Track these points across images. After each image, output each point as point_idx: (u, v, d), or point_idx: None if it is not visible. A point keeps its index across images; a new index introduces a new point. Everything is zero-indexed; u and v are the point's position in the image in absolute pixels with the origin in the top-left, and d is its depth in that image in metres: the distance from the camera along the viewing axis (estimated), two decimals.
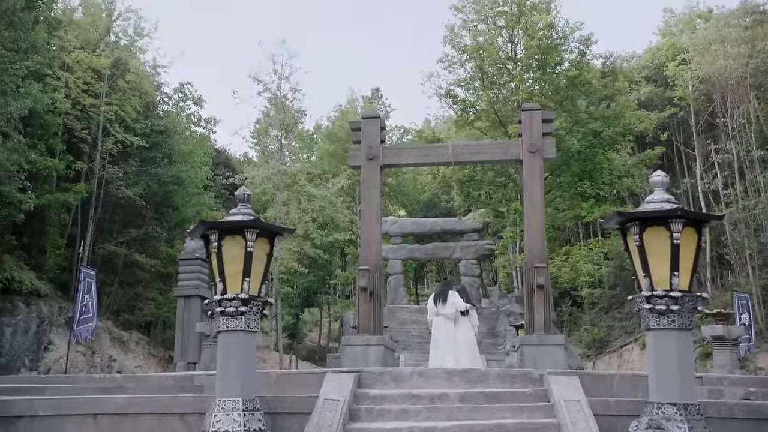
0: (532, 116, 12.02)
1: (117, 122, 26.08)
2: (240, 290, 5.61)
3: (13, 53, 18.25)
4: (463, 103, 26.87)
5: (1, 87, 16.46)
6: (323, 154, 41.69)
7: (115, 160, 26.45)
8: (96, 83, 25.75)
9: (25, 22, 18.44)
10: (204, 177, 32.88)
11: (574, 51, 25.18)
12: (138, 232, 26.99)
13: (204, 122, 35.10)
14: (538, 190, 11.87)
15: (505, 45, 26.11)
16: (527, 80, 25.30)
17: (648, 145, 28.51)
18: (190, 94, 33.76)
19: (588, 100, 25.12)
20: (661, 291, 4.88)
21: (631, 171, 25.88)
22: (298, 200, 30.05)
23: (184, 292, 19.35)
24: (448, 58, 26.60)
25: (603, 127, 24.37)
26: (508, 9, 25.50)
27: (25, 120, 20.52)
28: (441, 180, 29.90)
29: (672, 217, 4.82)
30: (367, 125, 12.70)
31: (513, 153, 12.48)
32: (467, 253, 32.10)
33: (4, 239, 21.55)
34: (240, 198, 6.11)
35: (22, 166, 20.11)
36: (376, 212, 12.64)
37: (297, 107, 32.03)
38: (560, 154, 21.26)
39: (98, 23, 28.19)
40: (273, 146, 32.48)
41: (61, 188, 24.32)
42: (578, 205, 25.08)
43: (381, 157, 12.64)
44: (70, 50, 25.23)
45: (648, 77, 30.90)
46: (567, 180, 24.73)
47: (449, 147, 13.16)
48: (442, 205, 41.85)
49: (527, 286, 11.75)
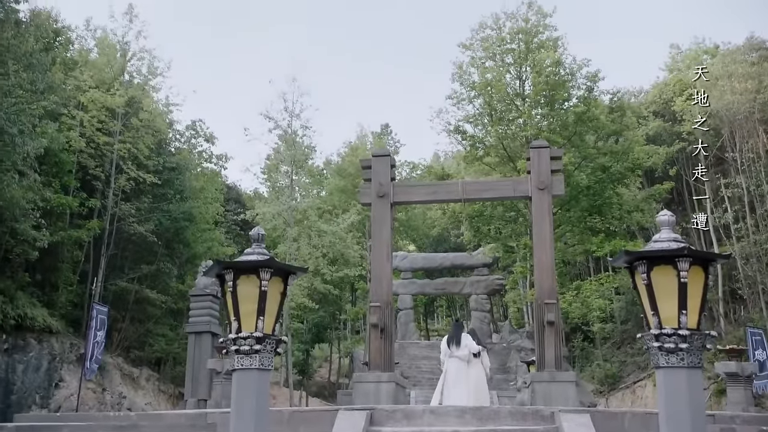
0: (540, 154, 12.16)
1: (130, 160, 26.41)
2: (254, 329, 5.69)
3: (30, 94, 18.67)
4: (472, 139, 27.08)
5: (19, 127, 16.79)
6: (333, 190, 41.96)
7: (127, 197, 26.74)
8: (110, 122, 26.17)
9: (42, 64, 18.88)
10: (215, 213, 33.12)
11: (581, 87, 25.42)
12: (149, 268, 27.14)
13: (215, 159, 35.48)
14: (547, 226, 11.96)
15: (513, 81, 26.38)
16: (535, 116, 25.52)
17: (657, 180, 28.58)
18: (201, 132, 34.21)
19: (596, 135, 25.28)
20: (669, 329, 4.93)
21: (640, 206, 25.90)
22: (309, 236, 30.22)
23: (195, 328, 19.42)
24: (456, 94, 26.90)
25: (612, 162, 24.48)
26: (516, 46, 25.83)
27: (41, 158, 20.87)
28: (450, 215, 30.01)
29: (679, 256, 4.89)
30: (378, 163, 12.87)
31: (522, 190, 12.60)
32: (477, 287, 32.02)
33: (18, 276, 21.74)
34: (254, 238, 6.23)
35: (37, 203, 20.39)
36: (387, 249, 12.74)
37: (307, 143, 32.41)
38: (569, 189, 21.36)
39: (113, 63, 28.71)
40: (283, 182, 32.78)
41: (74, 225, 24.58)
42: (588, 240, 25.07)
43: (391, 194, 12.78)
44: (85, 90, 25.70)
45: (656, 112, 31.12)
46: (576, 215, 24.77)
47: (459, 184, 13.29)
48: (451, 240, 41.91)
49: (538, 323, 11.77)
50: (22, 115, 17.32)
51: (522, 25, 25.76)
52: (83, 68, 26.99)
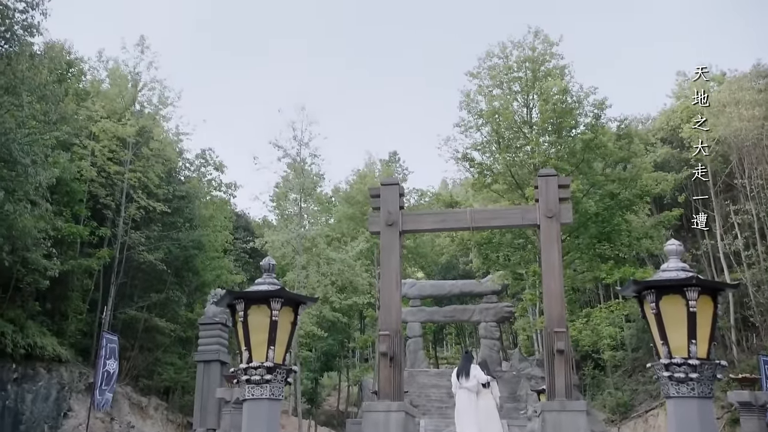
0: (548, 182, 12.21)
1: (140, 188, 26.63)
2: (265, 359, 5.73)
3: (43, 124, 18.94)
4: (480, 167, 27.15)
5: (32, 157, 17.01)
6: (342, 217, 42.07)
7: (137, 226, 26.91)
8: (121, 151, 26.44)
9: (56, 95, 19.17)
10: (224, 241, 33.24)
11: (588, 115, 25.51)
12: (158, 296, 27.21)
13: (225, 187, 35.72)
14: (555, 254, 11.97)
15: (521, 109, 26.51)
16: (543, 143, 25.60)
17: (666, 207, 28.53)
18: (211, 160, 34.49)
19: (604, 162, 25.31)
20: (679, 359, 4.94)
21: (649, 232, 25.81)
22: (318, 264, 30.26)
23: (204, 357, 19.38)
24: (464, 122, 27.02)
25: (620, 189, 24.47)
26: (523, 75, 26.00)
27: (52, 188, 21.08)
28: (459, 242, 29.98)
29: (687, 286, 4.91)
30: (387, 192, 12.95)
31: (530, 218, 12.63)
32: (486, 315, 31.92)
33: (28, 305, 21.85)
34: (265, 268, 6.30)
35: (48, 233, 20.56)
36: (396, 277, 12.76)
37: (316, 171, 32.57)
38: (578, 215, 21.35)
39: (124, 93, 29.09)
40: (292, 210, 32.91)
41: (84, 254, 24.73)
42: (597, 267, 24.97)
43: (400, 222, 12.84)
44: (96, 120, 26.02)
45: (663, 139, 31.16)
46: (585, 242, 24.72)
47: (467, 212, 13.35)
48: (460, 267, 41.85)
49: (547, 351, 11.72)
50: (35, 145, 17.56)
51: (529, 53, 25.94)
52: (95, 98, 27.36)
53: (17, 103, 17.06)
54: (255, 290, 5.99)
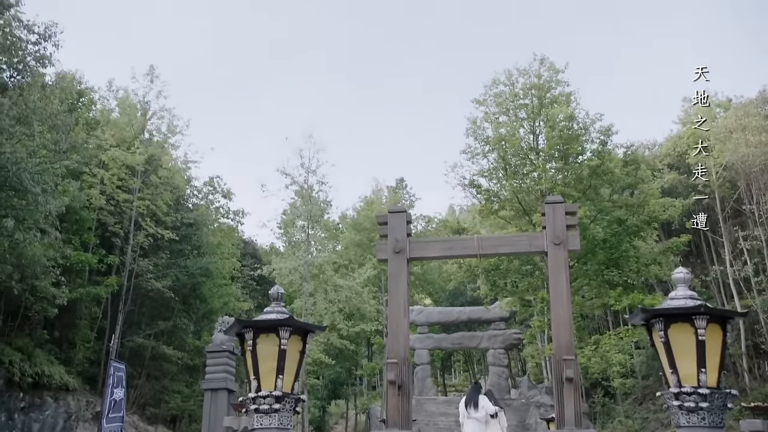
0: (555, 209, 12.19)
1: (149, 216, 26.79)
2: (274, 388, 5.73)
3: (54, 153, 19.16)
4: (487, 193, 27.17)
5: (42, 186, 17.17)
6: (349, 244, 42.08)
7: (145, 253, 27.02)
8: (130, 179, 26.65)
9: (66, 125, 19.41)
10: (231, 268, 33.30)
11: (595, 141, 25.56)
12: (166, 324, 27.21)
13: (232, 214, 35.90)
14: (563, 281, 11.91)
15: (527, 136, 26.59)
16: (550, 170, 25.62)
17: (674, 233, 28.42)
18: (219, 188, 34.72)
19: (611, 188, 25.30)
20: (689, 388, 4.92)
21: (658, 258, 25.70)
22: (325, 291, 30.24)
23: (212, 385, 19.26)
24: (471, 149, 27.10)
25: (627, 215, 24.43)
26: (529, 102, 26.13)
27: (62, 216, 21.24)
28: (467, 269, 29.91)
29: (696, 314, 4.91)
30: (394, 219, 12.96)
31: (537, 245, 12.60)
32: (495, 342, 31.67)
33: (36, 334, 21.89)
34: (274, 296, 6.32)
35: (57, 261, 20.67)
36: (404, 305, 12.71)
37: (323, 198, 32.71)
38: (585, 242, 21.28)
39: (134, 122, 29.41)
40: (299, 237, 32.96)
41: (92, 282, 24.82)
42: (606, 294, 24.83)
43: (407, 250, 12.82)
44: (106, 148, 26.28)
45: (670, 165, 31.16)
46: (593, 268, 24.62)
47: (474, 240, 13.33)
48: (468, 294, 41.66)
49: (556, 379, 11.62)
50: (45, 174, 17.74)
51: (535, 81, 26.10)
52: (105, 127, 27.67)
53: (29, 133, 17.28)
54: (264, 319, 6.01)
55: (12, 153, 16.12)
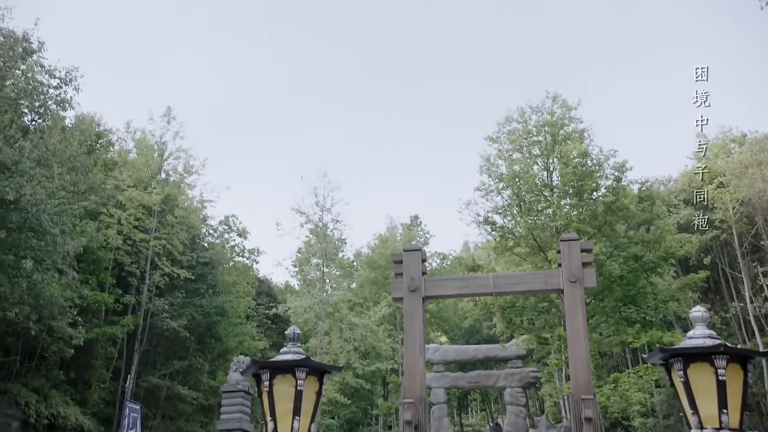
0: (570, 246, 12.13)
1: (165, 255, 26.95)
2: (290, 429, 5.70)
3: (72, 195, 19.40)
4: (502, 230, 27.10)
5: (61, 227, 17.38)
6: (364, 282, 41.99)
7: (161, 293, 27.11)
8: (146, 219, 26.89)
9: (85, 166, 19.71)
10: (246, 307, 33.32)
11: (609, 177, 25.49)
12: (181, 363, 27.16)
13: (248, 253, 36.03)
14: (580, 319, 11.80)
15: (541, 173, 26.60)
16: (564, 206, 25.56)
17: (692, 269, 28.16)
18: (234, 227, 34.93)
19: (627, 224, 25.16)
20: (711, 429, 4.85)
21: (676, 295, 25.41)
22: (340, 329, 30.12)
23: (227, 425, 19.15)
24: (485, 186, 27.11)
25: (644, 251, 24.24)
26: (542, 139, 26.20)
27: (79, 256, 21.42)
28: (482, 306, 29.73)
29: (715, 354, 4.86)
30: (409, 258, 12.95)
31: (553, 283, 12.52)
32: (512, 380, 31.22)
33: (52, 374, 21.92)
34: (290, 337, 6.33)
35: (74, 301, 20.78)
36: (420, 344, 12.63)
37: (338, 236, 32.76)
38: (602, 278, 21.11)
39: (151, 163, 29.79)
40: (314, 275, 32.96)
41: (109, 321, 24.90)
42: (624, 331, 24.53)
43: (423, 288, 12.78)
44: (123, 188, 26.58)
45: (686, 200, 31.01)
46: (611, 305, 24.37)
47: (490, 278, 13.27)
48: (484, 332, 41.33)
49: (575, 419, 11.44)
50: (63, 215, 17.96)
51: (547, 118, 26.22)
52: (122, 168, 28.05)
53: (48, 175, 17.56)
54: (280, 360, 6.01)
55: (32, 195, 16.37)
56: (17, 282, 17.05)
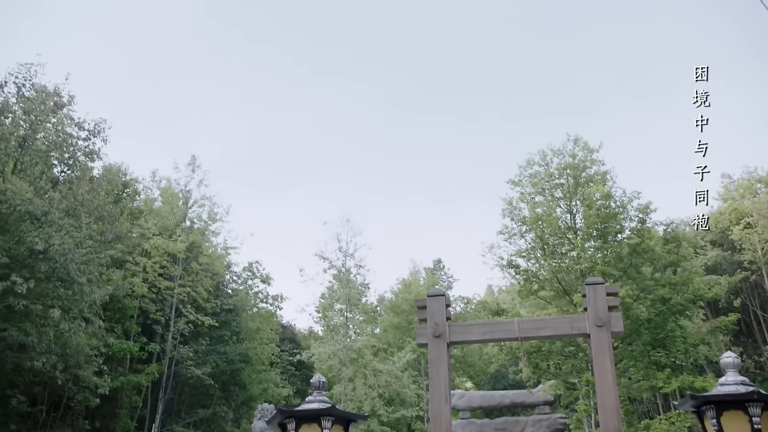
0: (596, 290, 11.98)
1: (189, 303, 27.11)
2: None
3: (99, 243, 19.69)
4: (526, 273, 26.89)
5: (88, 276, 17.62)
6: (387, 327, 41.72)
7: (185, 340, 27.19)
8: (171, 266, 27.14)
9: (112, 215, 20.05)
10: (270, 353, 33.23)
11: (633, 219, 25.29)
12: (205, 412, 27.06)
13: (271, 299, 36.10)
14: (608, 364, 11.58)
15: (564, 215, 26.48)
16: (589, 249, 25.35)
17: (722, 311, 27.64)
18: (258, 273, 35.09)
19: (653, 266, 24.85)
20: None
21: (706, 338, 24.91)
22: (364, 375, 29.86)
23: None
24: (507, 229, 27.01)
25: (671, 293, 23.87)
26: (564, 181, 26.16)
27: (105, 304, 21.62)
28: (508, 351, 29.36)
29: (749, 401, 4.77)
30: (433, 303, 12.88)
31: (579, 327, 12.33)
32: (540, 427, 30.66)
33: (78, 424, 21.92)
34: (315, 385, 6.32)
35: (100, 350, 20.89)
36: (445, 390, 12.48)
37: (361, 281, 32.74)
38: (629, 321, 20.79)
39: (175, 211, 30.20)
40: (338, 320, 32.88)
41: (134, 370, 24.96)
42: (653, 376, 23.99)
43: (447, 334, 12.67)
44: (149, 237, 26.92)
45: (713, 241, 30.66)
46: (639, 348, 23.92)
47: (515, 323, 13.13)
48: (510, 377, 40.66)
49: None
50: (90, 264, 18.22)
51: (569, 160, 26.22)
52: (148, 216, 28.46)
53: (76, 225, 17.87)
54: (306, 408, 6.00)
55: (61, 245, 16.66)
56: (45, 331, 17.24)
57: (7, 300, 16.12)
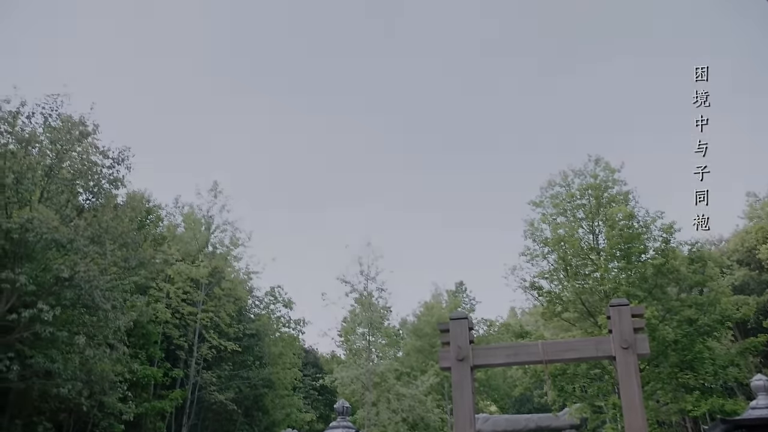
0: (621, 312, 11.86)
1: (212, 328, 27.20)
2: None
3: (123, 270, 19.88)
4: (549, 295, 26.67)
5: (112, 303, 17.78)
6: (410, 350, 41.51)
7: (209, 365, 27.24)
8: (194, 292, 27.29)
9: (135, 242, 20.25)
10: (293, 378, 33.16)
11: (657, 239, 25.02)
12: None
13: (293, 323, 36.09)
14: (635, 387, 11.40)
15: (587, 236, 26.28)
16: (612, 269, 25.10)
17: (751, 332, 27.18)
18: (280, 297, 35.14)
19: (678, 287, 24.53)
20: None
21: (735, 360, 24.44)
22: (388, 399, 29.66)
23: None
24: (529, 251, 26.86)
25: (698, 314, 23.51)
26: (586, 202, 26.00)
27: (129, 330, 21.78)
28: (532, 374, 29.04)
29: None
30: (456, 326, 12.80)
31: (605, 350, 12.19)
32: None
33: None
34: (339, 411, 6.31)
35: (125, 376, 21.00)
36: (469, 414, 12.35)
37: (383, 305, 32.64)
38: (655, 343, 20.50)
39: (198, 236, 30.44)
40: (360, 344, 32.75)
41: (157, 395, 25.03)
42: (682, 398, 23.58)
43: (471, 357, 12.57)
44: (172, 263, 27.12)
45: (740, 261, 30.22)
46: (666, 371, 23.54)
47: (539, 345, 13.00)
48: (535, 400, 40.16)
49: None
50: (115, 291, 18.39)
51: (591, 181, 26.08)
52: (171, 242, 28.69)
53: (101, 252, 18.08)
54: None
55: (86, 272, 16.85)
56: (70, 358, 17.39)
57: (34, 327, 16.31)
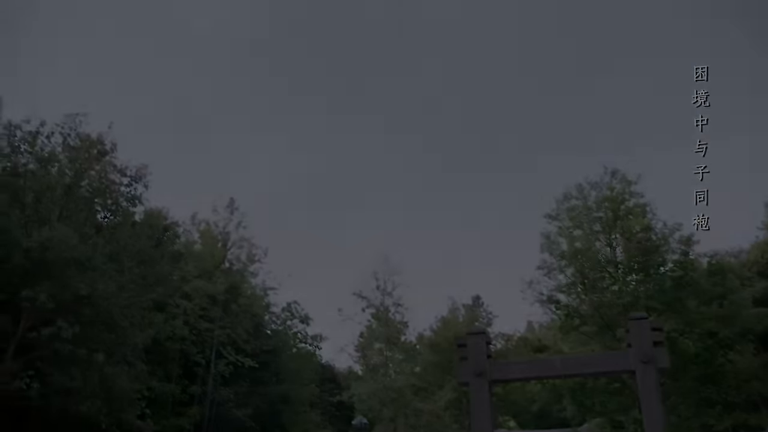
0: (640, 326, 11.79)
1: (229, 344, 27.22)
2: None
3: (141, 287, 19.99)
4: (567, 308, 26.48)
5: (131, 320, 17.87)
6: (427, 365, 41.22)
7: (226, 382, 27.24)
8: (211, 308, 27.36)
9: (153, 259, 20.38)
10: (311, 394, 33.09)
11: (676, 251, 24.81)
12: None
13: (310, 339, 36.01)
14: (655, 401, 11.32)
15: (604, 249, 26.11)
16: (630, 282, 24.90)
17: None
18: (297, 313, 35.11)
19: (698, 299, 24.27)
20: None
21: (758, 373, 24.11)
22: (405, 415, 29.53)
23: None
24: (546, 264, 26.71)
25: (719, 327, 23.25)
26: (603, 214, 25.84)
27: (147, 347, 21.85)
28: (551, 389, 28.78)
29: None
30: (473, 341, 12.77)
31: (624, 364, 12.12)
32: None
33: None
34: (357, 427, 6.29)
35: (143, 393, 21.03)
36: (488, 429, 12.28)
37: (399, 320, 32.56)
38: (675, 356, 20.25)
39: (215, 253, 30.56)
40: (377, 359, 32.66)
41: (175, 412, 25.04)
42: (705, 413, 23.27)
43: (489, 372, 12.53)
44: (189, 279, 27.22)
45: (760, 272, 29.82)
46: (688, 385, 23.26)
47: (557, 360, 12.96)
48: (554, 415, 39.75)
49: None
50: (133, 308, 18.48)
51: (607, 193, 25.92)
52: (188, 259, 28.82)
53: (119, 269, 18.21)
54: None
55: (104, 289, 16.95)
56: (89, 375, 17.45)
57: (54, 345, 16.39)
